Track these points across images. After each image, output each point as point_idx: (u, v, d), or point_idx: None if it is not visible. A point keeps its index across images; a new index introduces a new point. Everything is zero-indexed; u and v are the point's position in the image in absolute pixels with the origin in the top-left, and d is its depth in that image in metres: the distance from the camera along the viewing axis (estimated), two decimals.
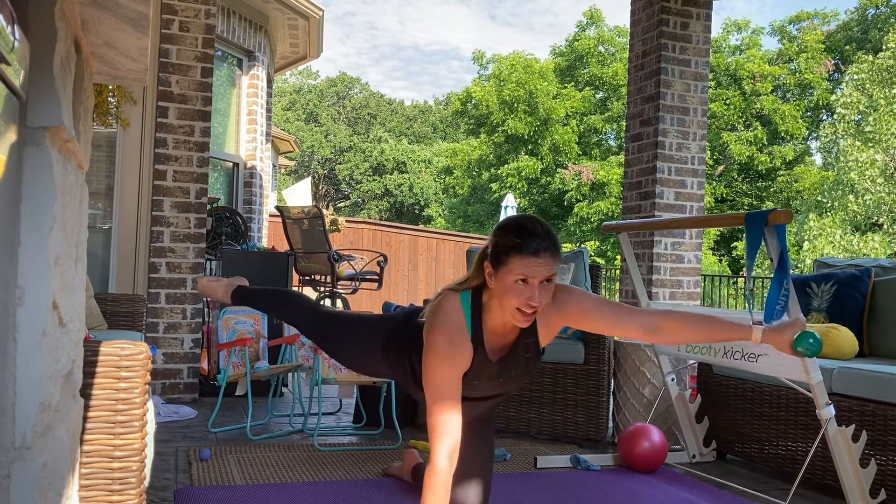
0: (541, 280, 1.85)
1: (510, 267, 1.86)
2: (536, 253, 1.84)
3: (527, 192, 21.78)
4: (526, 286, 1.85)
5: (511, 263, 1.86)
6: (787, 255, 2.52)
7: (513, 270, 1.86)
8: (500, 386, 2.13)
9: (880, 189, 15.55)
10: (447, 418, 1.89)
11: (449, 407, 1.90)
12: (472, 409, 2.13)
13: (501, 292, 1.89)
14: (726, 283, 10.80)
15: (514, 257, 1.86)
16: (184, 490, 2.59)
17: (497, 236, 1.94)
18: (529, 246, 1.85)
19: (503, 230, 1.94)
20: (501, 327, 2.00)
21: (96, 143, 4.71)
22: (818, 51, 21.17)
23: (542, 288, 1.86)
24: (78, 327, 1.44)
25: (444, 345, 1.94)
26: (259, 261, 4.66)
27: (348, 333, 2.45)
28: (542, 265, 1.84)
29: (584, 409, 3.60)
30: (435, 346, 1.95)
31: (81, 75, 1.41)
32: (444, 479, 1.85)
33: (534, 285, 1.85)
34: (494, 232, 1.97)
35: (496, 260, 1.90)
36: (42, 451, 1.08)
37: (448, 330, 1.96)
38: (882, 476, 2.65)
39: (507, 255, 1.87)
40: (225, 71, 7.05)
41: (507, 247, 1.88)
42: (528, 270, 1.84)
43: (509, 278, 1.86)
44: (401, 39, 68.87)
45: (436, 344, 1.96)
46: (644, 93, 4.91)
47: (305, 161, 34.13)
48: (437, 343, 1.95)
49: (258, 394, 4.30)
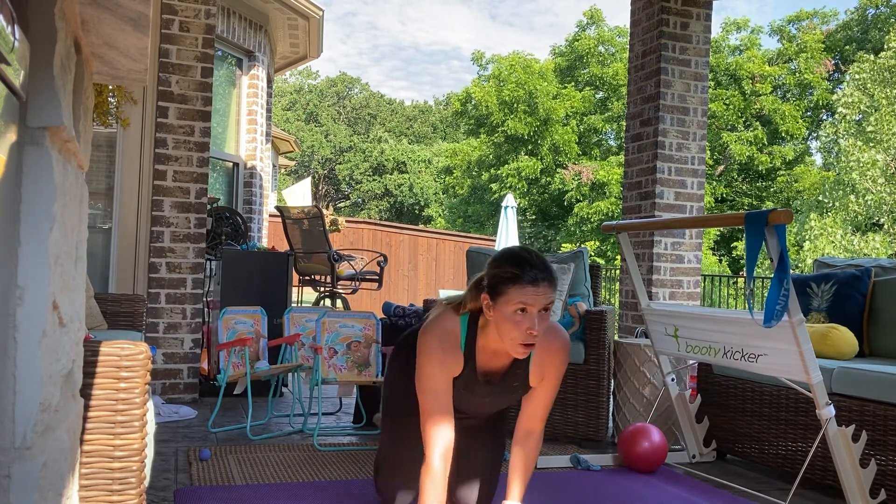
0: (539, 309, 1.89)
1: (509, 297, 1.89)
2: (535, 282, 1.88)
3: (527, 193, 21.78)
4: (525, 316, 1.89)
5: (510, 293, 1.89)
6: (787, 255, 2.52)
7: (512, 300, 1.89)
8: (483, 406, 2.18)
9: (881, 189, 15.55)
10: (440, 420, 1.96)
11: (442, 410, 1.97)
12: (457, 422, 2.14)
13: (500, 323, 1.92)
14: (726, 283, 10.80)
15: (512, 287, 1.89)
16: (184, 490, 2.59)
17: (494, 268, 1.96)
18: (527, 275, 1.89)
19: (500, 261, 1.96)
20: (493, 353, 2.04)
21: (96, 143, 4.71)
22: (818, 51, 21.17)
23: (540, 317, 1.89)
24: (78, 327, 1.44)
25: (436, 349, 2.01)
26: (259, 261, 4.66)
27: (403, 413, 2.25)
28: (541, 294, 1.88)
29: (584, 409, 3.60)
30: (428, 351, 2.01)
31: (81, 75, 1.41)
32: (439, 477, 1.93)
33: (533, 314, 1.88)
34: (490, 264, 1.99)
35: (494, 291, 1.93)
36: (42, 451, 1.08)
37: (442, 337, 2.02)
38: (882, 476, 2.65)
39: (506, 286, 1.90)
40: (225, 71, 7.05)
41: (505, 278, 1.91)
42: (527, 299, 1.87)
43: (508, 308, 1.89)
44: (401, 39, 68.89)
45: (429, 348, 2.02)
46: (644, 93, 4.91)
47: (305, 161, 34.13)
48: (431, 347, 2.01)
49: (258, 394, 4.30)
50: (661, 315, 3.27)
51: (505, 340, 1.93)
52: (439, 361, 2.00)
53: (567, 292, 4.01)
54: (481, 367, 2.08)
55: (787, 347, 2.63)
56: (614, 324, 4.35)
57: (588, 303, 4.06)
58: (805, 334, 2.57)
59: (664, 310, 3.28)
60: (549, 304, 1.90)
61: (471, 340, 2.04)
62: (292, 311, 3.96)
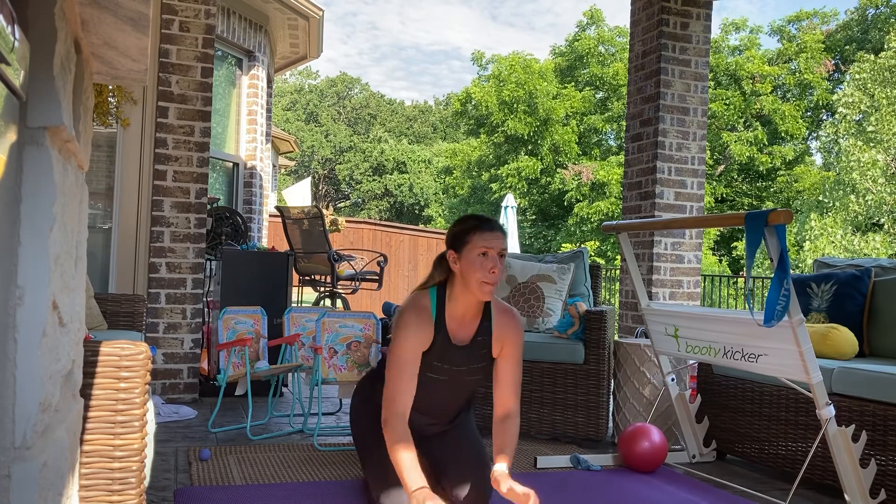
0: (498, 251, 2.24)
1: (473, 243, 2.25)
2: (492, 229, 2.27)
3: (527, 193, 21.78)
4: (486, 258, 2.24)
5: (473, 240, 2.25)
6: (787, 255, 2.52)
7: (475, 246, 2.25)
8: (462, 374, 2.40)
9: (881, 189, 15.55)
10: (403, 386, 2.24)
11: (407, 377, 2.25)
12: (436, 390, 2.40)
13: (466, 269, 2.26)
14: (726, 283, 10.80)
15: (474, 235, 2.26)
16: (184, 490, 2.59)
17: (457, 227, 2.33)
18: (485, 225, 2.28)
19: (460, 221, 2.34)
20: (462, 316, 2.35)
21: (96, 143, 4.71)
22: (818, 51, 21.16)
23: (499, 259, 2.25)
24: (78, 327, 1.44)
25: (411, 322, 2.30)
26: (259, 261, 4.66)
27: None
28: (497, 238, 2.26)
29: (584, 409, 3.60)
30: (403, 323, 2.31)
31: (81, 75, 1.41)
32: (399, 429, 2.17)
33: (492, 256, 2.24)
34: (453, 226, 2.36)
35: (459, 243, 2.28)
36: (42, 451, 1.08)
37: (415, 310, 2.33)
38: (882, 476, 2.65)
39: (469, 235, 2.27)
40: (225, 71, 7.05)
41: (467, 229, 2.28)
42: (486, 243, 2.24)
43: (473, 253, 2.24)
44: (402, 39, 68.89)
45: (404, 321, 2.31)
46: (644, 93, 4.91)
47: (305, 161, 34.13)
48: (405, 319, 2.31)
49: (258, 394, 4.30)
50: (661, 315, 3.27)
51: (471, 284, 2.25)
52: (413, 331, 2.29)
53: (567, 292, 4.01)
54: (452, 332, 2.35)
55: (787, 347, 2.63)
56: (614, 324, 4.35)
57: (588, 303, 4.06)
58: (805, 334, 2.57)
59: (664, 310, 3.28)
60: (504, 251, 2.26)
61: (440, 310, 2.34)
62: (292, 311, 3.96)
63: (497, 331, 2.40)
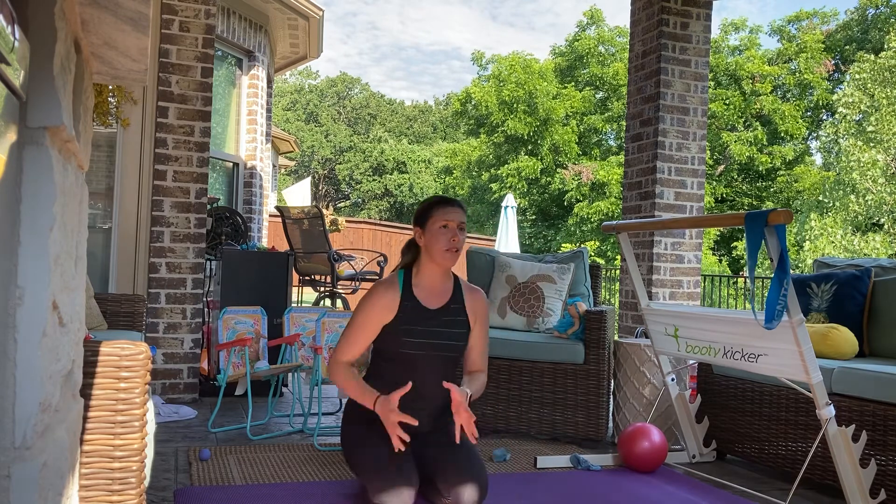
0: (457, 224, 2.50)
1: (434, 218, 2.51)
2: (451, 204, 2.55)
3: (527, 193, 21.78)
4: (447, 230, 2.50)
5: (434, 215, 2.52)
6: (787, 255, 2.52)
7: (437, 219, 2.51)
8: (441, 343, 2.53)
9: (881, 189, 15.55)
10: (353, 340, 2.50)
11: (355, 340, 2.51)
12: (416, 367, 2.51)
13: (430, 241, 2.51)
14: (726, 283, 10.80)
15: (435, 211, 2.53)
16: (184, 490, 2.59)
17: (420, 207, 2.59)
18: (444, 201, 2.57)
19: (422, 203, 2.60)
20: (430, 287, 2.58)
21: (96, 143, 4.71)
22: (818, 51, 21.16)
23: (459, 231, 2.51)
24: (78, 327, 1.44)
25: (375, 290, 2.53)
26: (259, 261, 4.66)
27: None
28: (456, 212, 2.53)
29: (584, 409, 3.60)
30: (368, 293, 2.54)
31: (81, 75, 1.41)
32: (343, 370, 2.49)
33: (453, 228, 2.50)
34: (417, 208, 2.60)
35: (423, 219, 2.54)
36: (42, 451, 1.08)
37: (382, 283, 2.56)
38: (882, 476, 2.65)
39: (430, 211, 2.53)
40: (225, 71, 7.05)
41: (428, 207, 2.55)
42: (446, 216, 2.50)
43: (435, 226, 2.50)
44: (402, 39, 68.91)
45: (369, 292, 2.54)
46: (644, 93, 4.91)
47: (305, 161, 34.13)
48: (371, 290, 2.54)
49: (258, 394, 4.30)
50: (661, 315, 3.27)
51: (435, 254, 2.50)
52: (377, 298, 2.51)
53: (567, 292, 4.01)
54: (423, 299, 2.55)
55: (787, 347, 2.63)
56: (614, 324, 4.35)
57: (588, 303, 4.06)
58: (805, 334, 2.57)
59: (664, 310, 3.28)
60: (462, 224, 2.53)
61: (407, 282, 2.57)
62: (292, 311, 3.96)
63: (469, 303, 2.63)
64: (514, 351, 3.67)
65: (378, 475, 2.31)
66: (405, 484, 2.26)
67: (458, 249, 2.51)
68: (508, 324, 3.95)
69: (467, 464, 2.39)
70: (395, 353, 2.51)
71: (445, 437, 2.51)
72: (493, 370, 3.68)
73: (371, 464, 2.38)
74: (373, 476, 2.33)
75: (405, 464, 2.35)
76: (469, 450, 2.47)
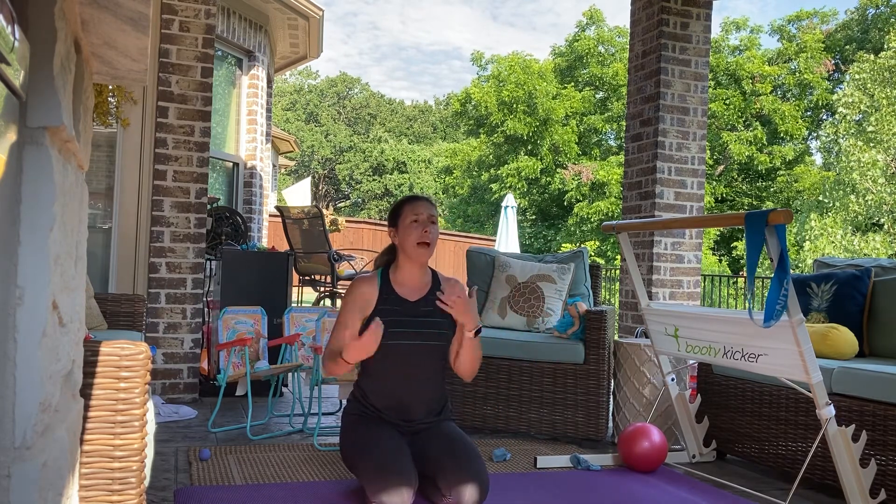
0: (426, 217, 2.59)
1: (405, 214, 2.60)
2: (419, 199, 2.66)
3: (527, 193, 21.78)
4: (418, 224, 2.58)
5: (404, 212, 2.61)
6: (787, 255, 2.52)
7: (407, 215, 2.60)
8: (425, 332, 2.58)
9: (881, 189, 15.55)
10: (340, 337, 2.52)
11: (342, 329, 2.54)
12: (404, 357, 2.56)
13: (403, 238, 2.59)
14: (726, 283, 10.80)
15: (405, 207, 2.62)
16: (184, 490, 2.59)
17: (391, 210, 2.69)
18: (413, 198, 2.67)
19: (394, 204, 2.70)
20: (408, 281, 2.64)
21: (96, 143, 4.71)
22: (818, 50, 21.16)
23: (429, 224, 2.59)
24: (78, 327, 1.44)
25: (355, 285, 2.61)
26: (259, 261, 4.66)
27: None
28: (425, 207, 2.62)
29: (584, 409, 3.60)
30: (348, 290, 2.62)
31: (81, 75, 1.41)
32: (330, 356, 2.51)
33: (423, 221, 2.58)
34: (390, 209, 2.70)
35: (395, 217, 2.63)
36: (42, 451, 1.08)
37: (360, 277, 2.67)
38: (882, 476, 2.65)
39: (401, 209, 2.63)
40: (225, 71, 7.05)
41: (398, 205, 2.66)
42: (416, 210, 2.60)
43: (406, 222, 2.59)
44: (402, 39, 68.93)
45: (349, 288, 2.63)
46: (644, 93, 4.91)
47: (305, 161, 34.13)
48: (351, 287, 2.63)
49: (258, 394, 4.30)
50: (661, 315, 3.27)
51: (408, 249, 2.58)
52: (356, 286, 2.60)
53: (567, 292, 4.01)
54: (403, 292, 2.62)
55: (787, 347, 2.63)
56: (614, 324, 4.35)
57: (588, 303, 4.06)
58: (805, 334, 2.57)
59: (664, 310, 3.28)
60: (433, 217, 2.61)
61: (385, 277, 2.65)
62: (292, 311, 3.96)
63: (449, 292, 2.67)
64: (514, 351, 3.67)
65: (377, 475, 2.31)
66: (404, 483, 2.26)
67: (429, 243, 2.59)
68: (508, 324, 3.95)
69: (468, 463, 2.39)
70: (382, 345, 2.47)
71: (445, 437, 2.51)
72: (493, 370, 3.68)
73: (370, 464, 2.38)
74: (372, 476, 2.33)
75: (405, 464, 2.35)
76: (470, 449, 2.47)
